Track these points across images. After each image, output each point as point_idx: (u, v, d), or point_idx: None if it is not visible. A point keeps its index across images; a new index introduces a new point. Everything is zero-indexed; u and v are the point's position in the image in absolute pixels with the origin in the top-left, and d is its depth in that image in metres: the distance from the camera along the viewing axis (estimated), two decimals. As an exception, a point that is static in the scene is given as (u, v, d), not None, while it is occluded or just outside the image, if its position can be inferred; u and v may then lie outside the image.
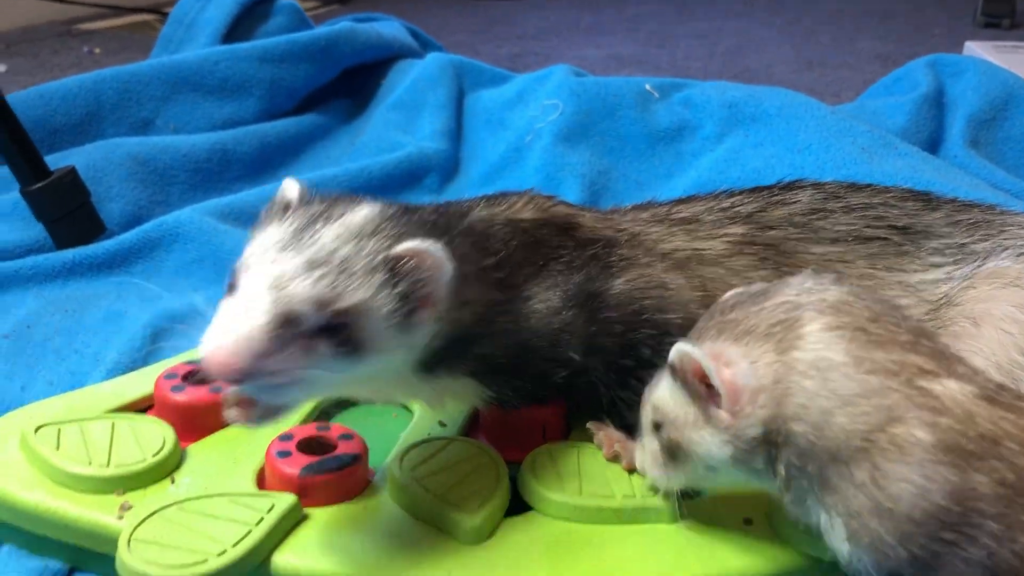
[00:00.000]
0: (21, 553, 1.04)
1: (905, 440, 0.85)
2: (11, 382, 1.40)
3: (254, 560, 0.96)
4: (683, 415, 0.95)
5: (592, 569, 0.99)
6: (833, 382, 0.88)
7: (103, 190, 1.92)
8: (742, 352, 0.91)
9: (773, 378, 0.89)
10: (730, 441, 0.92)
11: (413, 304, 0.97)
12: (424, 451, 1.10)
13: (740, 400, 0.90)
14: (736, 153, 2.03)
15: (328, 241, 0.96)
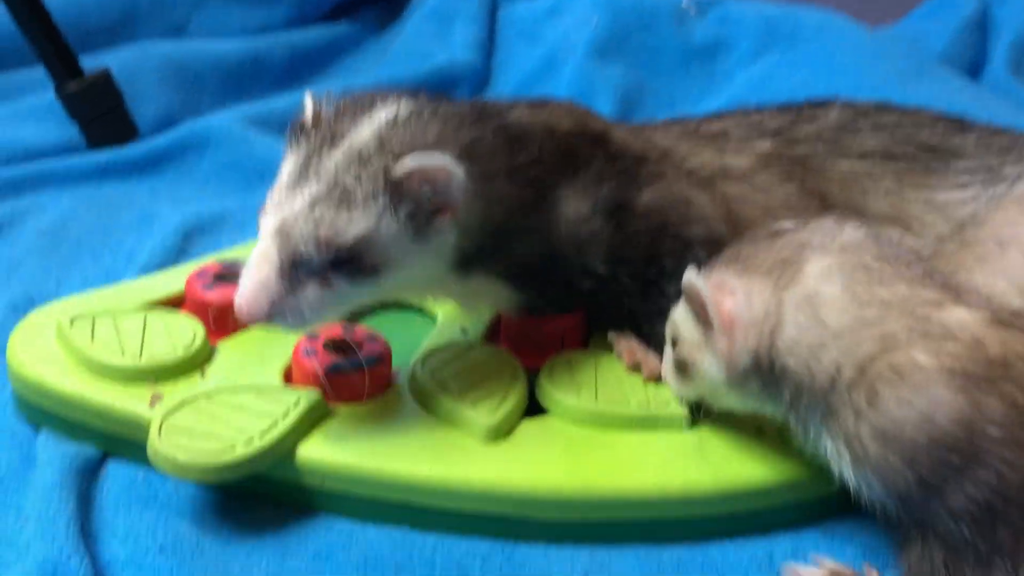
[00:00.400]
0: (58, 438, 1.08)
1: (906, 366, 0.86)
2: (47, 277, 1.45)
3: (279, 451, 1.00)
4: (691, 336, 0.98)
5: (607, 469, 1.02)
6: (826, 316, 0.89)
7: (136, 93, 1.94)
8: (742, 285, 0.93)
9: (765, 311, 0.91)
10: (726, 368, 0.94)
11: (425, 216, 0.99)
12: (446, 354, 1.13)
13: (732, 330, 0.92)
14: (771, 73, 2.01)
15: (330, 171, 0.98)
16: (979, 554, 0.86)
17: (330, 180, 0.97)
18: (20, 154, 1.76)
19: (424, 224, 0.99)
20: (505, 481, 1.00)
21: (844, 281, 0.90)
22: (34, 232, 1.56)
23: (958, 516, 0.86)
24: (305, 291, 0.97)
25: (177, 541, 0.97)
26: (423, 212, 0.98)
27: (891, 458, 0.87)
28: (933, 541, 0.89)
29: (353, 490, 1.01)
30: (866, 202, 1.17)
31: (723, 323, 0.92)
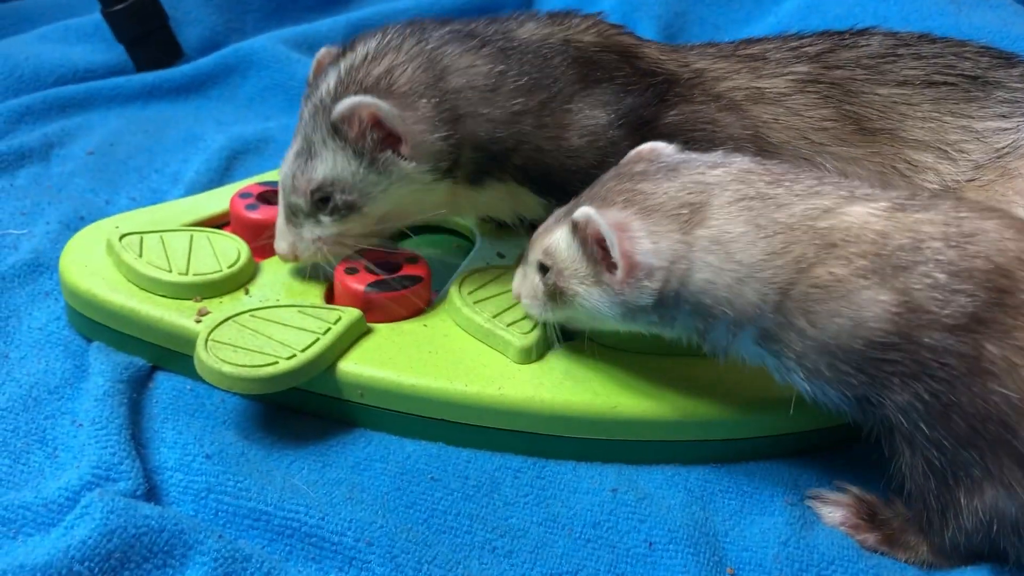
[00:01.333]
0: (109, 350, 1.13)
1: (824, 280, 0.87)
2: (96, 196, 1.48)
3: (320, 365, 1.03)
4: (574, 269, 0.97)
5: (635, 392, 1.05)
6: (737, 254, 0.89)
7: (181, 15, 1.95)
8: (647, 228, 0.91)
9: (673, 257, 0.90)
10: (620, 304, 0.94)
11: (372, 152, 1.07)
12: (482, 277, 1.15)
13: (635, 273, 0.91)
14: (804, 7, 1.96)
15: (302, 125, 1.11)
16: (948, 454, 0.88)
17: (302, 134, 1.11)
18: (69, 75, 1.79)
19: (376, 159, 1.07)
20: (537, 399, 1.03)
21: (746, 216, 0.90)
22: (83, 152, 1.59)
23: (913, 413, 0.88)
24: (304, 231, 1.12)
25: (222, 449, 1.02)
26: (368, 149, 1.07)
27: (840, 367, 0.89)
28: (911, 448, 0.91)
29: (390, 405, 1.05)
30: (904, 127, 1.16)
31: (626, 266, 0.91)
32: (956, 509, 0.90)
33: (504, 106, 1.10)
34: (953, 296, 0.85)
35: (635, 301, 0.93)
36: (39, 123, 1.66)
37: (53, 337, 1.16)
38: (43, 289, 1.24)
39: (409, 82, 1.08)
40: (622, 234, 0.91)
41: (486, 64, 1.10)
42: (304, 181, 1.10)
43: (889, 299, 0.86)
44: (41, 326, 1.18)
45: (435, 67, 1.09)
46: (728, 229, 0.90)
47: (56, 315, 1.19)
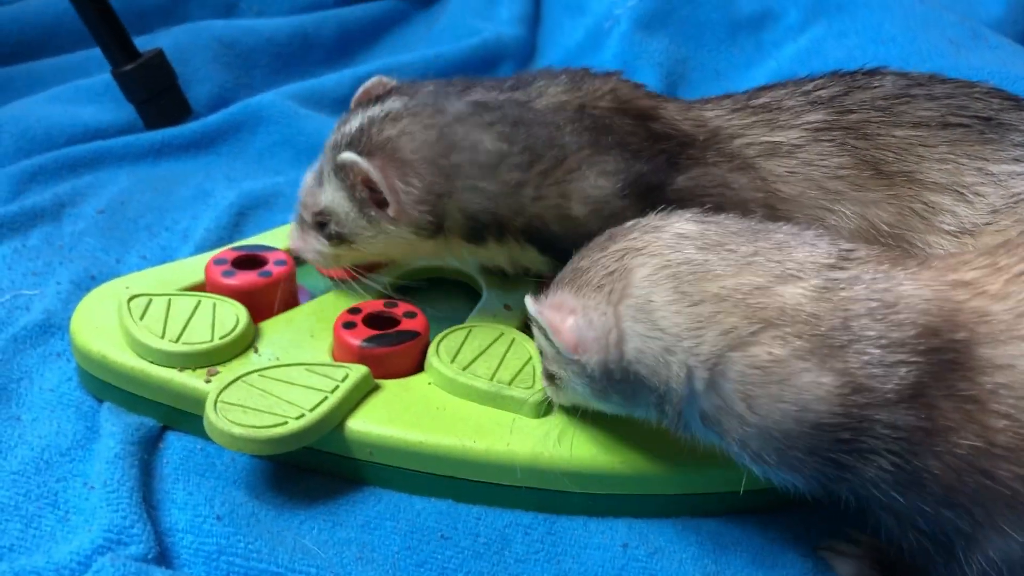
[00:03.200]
0: (120, 411, 1.13)
1: (765, 361, 0.85)
2: (107, 255, 1.50)
3: (329, 424, 1.04)
4: (550, 351, 0.99)
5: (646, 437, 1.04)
6: (662, 322, 0.88)
7: (189, 72, 1.98)
8: (580, 303, 0.93)
9: (605, 328, 0.90)
10: (586, 381, 0.96)
11: (363, 204, 1.17)
12: (454, 340, 1.15)
13: (577, 349, 0.92)
14: (819, 43, 1.98)
15: (324, 151, 1.21)
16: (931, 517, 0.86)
17: (321, 158, 1.21)
18: (79, 134, 1.81)
19: (364, 211, 1.17)
20: (545, 455, 1.03)
21: (672, 283, 0.89)
22: (93, 210, 1.60)
23: (883, 484, 0.85)
24: (309, 239, 1.23)
25: (233, 510, 1.02)
26: (361, 200, 1.16)
27: (789, 453, 0.86)
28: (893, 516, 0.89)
29: (399, 463, 1.05)
30: (921, 169, 1.16)
31: (567, 344, 0.92)
32: (959, 565, 0.88)
33: (503, 180, 1.13)
34: (892, 369, 0.83)
35: (593, 375, 0.93)
36: (50, 183, 1.68)
37: (65, 398, 1.17)
38: (55, 350, 1.25)
39: (413, 152, 1.13)
40: (556, 313, 0.93)
41: (493, 142, 1.14)
42: (309, 200, 1.21)
43: (831, 381, 0.83)
44: (53, 387, 1.19)
45: (442, 142, 1.13)
46: (652, 297, 0.89)
47: (68, 376, 1.20)
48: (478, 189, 1.13)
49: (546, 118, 1.16)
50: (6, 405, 1.15)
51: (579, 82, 1.22)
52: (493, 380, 1.08)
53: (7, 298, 1.34)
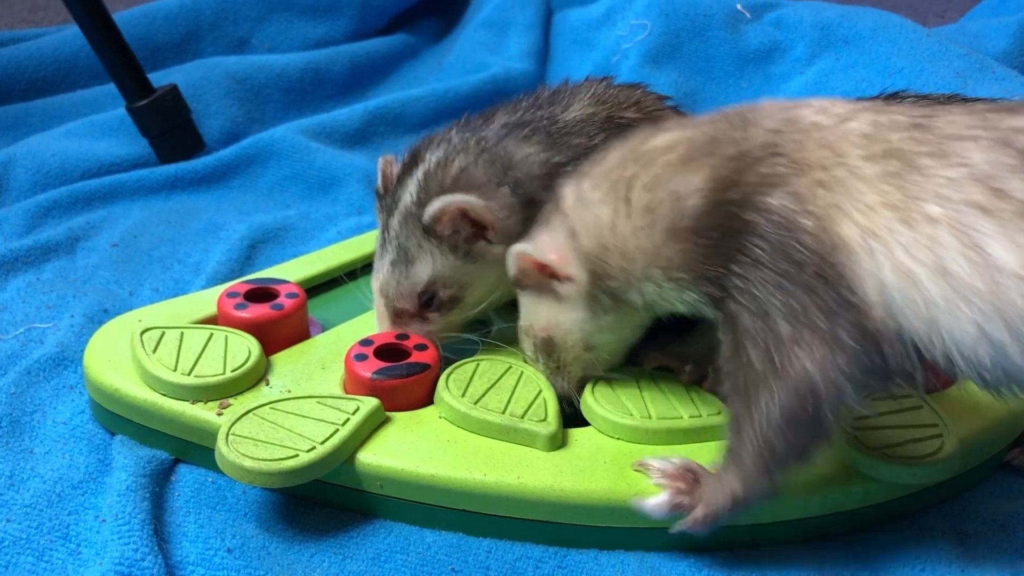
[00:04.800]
0: (132, 443, 1.14)
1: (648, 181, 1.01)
2: (120, 288, 1.51)
3: (340, 457, 1.04)
4: (544, 314, 1.11)
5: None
6: (589, 197, 1.05)
7: (203, 107, 2.01)
8: (547, 236, 1.08)
9: (567, 232, 1.06)
10: (582, 302, 1.07)
11: (465, 244, 1.17)
12: (463, 373, 1.15)
13: (562, 260, 1.06)
14: (826, 76, 2.00)
15: (394, 236, 1.21)
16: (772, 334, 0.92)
17: (395, 244, 1.20)
18: (94, 169, 1.84)
19: (470, 250, 1.17)
20: (556, 488, 1.02)
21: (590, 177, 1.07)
22: (107, 244, 1.62)
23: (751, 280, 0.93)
24: (410, 330, 1.21)
25: (244, 543, 1.02)
26: (462, 242, 1.17)
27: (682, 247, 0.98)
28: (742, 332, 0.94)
29: (410, 495, 1.05)
30: None
31: (556, 262, 1.06)
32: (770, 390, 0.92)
33: None
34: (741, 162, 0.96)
35: (583, 283, 1.06)
36: (65, 217, 1.70)
37: (77, 431, 1.18)
38: (68, 383, 1.26)
39: (483, 175, 1.17)
40: (537, 247, 1.07)
41: (539, 152, 1.20)
42: (409, 286, 1.20)
43: (697, 176, 0.98)
44: (66, 420, 1.19)
45: (500, 161, 1.18)
46: (582, 189, 1.07)
47: (81, 408, 1.21)
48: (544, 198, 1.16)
49: (576, 129, 1.21)
50: (19, 438, 1.16)
51: (604, 94, 1.27)
52: (505, 413, 1.08)
53: (21, 331, 1.36)
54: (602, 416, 1.10)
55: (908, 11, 3.07)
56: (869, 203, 0.89)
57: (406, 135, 2.09)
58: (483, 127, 1.23)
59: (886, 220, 0.88)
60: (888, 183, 0.89)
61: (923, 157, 0.89)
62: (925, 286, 0.86)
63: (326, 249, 1.49)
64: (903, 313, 0.87)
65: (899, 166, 0.90)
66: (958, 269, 0.85)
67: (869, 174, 0.90)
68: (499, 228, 1.16)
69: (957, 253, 0.85)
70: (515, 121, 1.23)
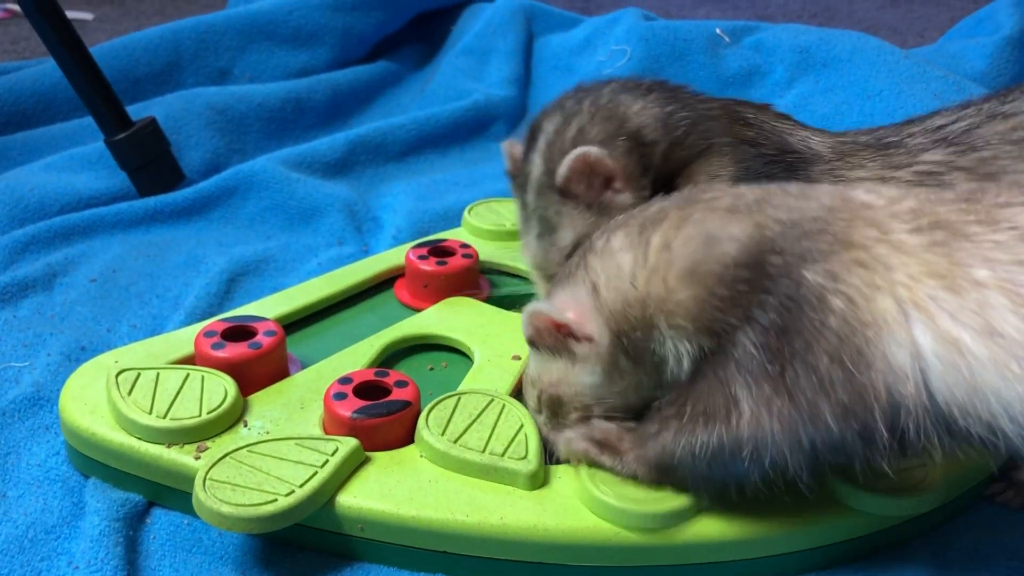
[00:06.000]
0: (106, 486, 1.12)
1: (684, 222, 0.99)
2: (98, 324, 1.49)
3: (320, 500, 1.02)
4: (553, 373, 1.07)
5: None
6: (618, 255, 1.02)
7: (182, 139, 2.00)
8: (567, 293, 1.06)
9: (589, 287, 1.03)
10: (598, 362, 1.04)
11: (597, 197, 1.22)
12: (444, 409, 1.13)
13: (583, 321, 1.03)
14: (806, 99, 2.01)
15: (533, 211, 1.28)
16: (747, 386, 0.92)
17: (536, 217, 1.28)
18: (73, 203, 1.82)
19: (602, 203, 1.22)
20: (540, 528, 1.01)
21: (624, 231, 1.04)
22: (85, 279, 1.61)
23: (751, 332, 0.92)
24: None
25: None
26: (595, 195, 1.22)
27: (698, 292, 0.95)
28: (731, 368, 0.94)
29: (390, 538, 1.03)
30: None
31: (574, 321, 1.03)
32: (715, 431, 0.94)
33: (673, 135, 1.24)
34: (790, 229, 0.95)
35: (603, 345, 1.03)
36: (43, 252, 1.68)
37: (52, 473, 1.16)
38: (43, 423, 1.24)
39: (600, 131, 1.23)
40: (556, 307, 1.05)
41: (655, 106, 1.26)
42: (558, 252, 1.26)
43: (739, 227, 0.96)
44: (40, 462, 1.17)
45: (615, 116, 1.24)
46: (611, 243, 1.04)
47: (56, 450, 1.19)
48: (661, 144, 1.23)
49: (693, 102, 1.28)
50: (-7, 482, 1.14)
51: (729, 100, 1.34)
52: (486, 452, 1.07)
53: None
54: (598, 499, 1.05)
55: (888, 31, 3.11)
56: (912, 274, 0.87)
57: (388, 163, 2.09)
58: (596, 89, 1.29)
59: (930, 289, 0.86)
60: (933, 252, 0.88)
61: (971, 225, 0.88)
62: (971, 350, 0.84)
63: (305, 284, 1.47)
64: (942, 381, 0.85)
65: (945, 235, 0.88)
66: (1009, 328, 0.83)
67: (914, 245, 0.89)
68: (623, 176, 1.21)
69: (1008, 312, 0.83)
70: (631, 84, 1.29)
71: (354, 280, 1.48)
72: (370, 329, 1.35)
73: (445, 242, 1.51)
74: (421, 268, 1.44)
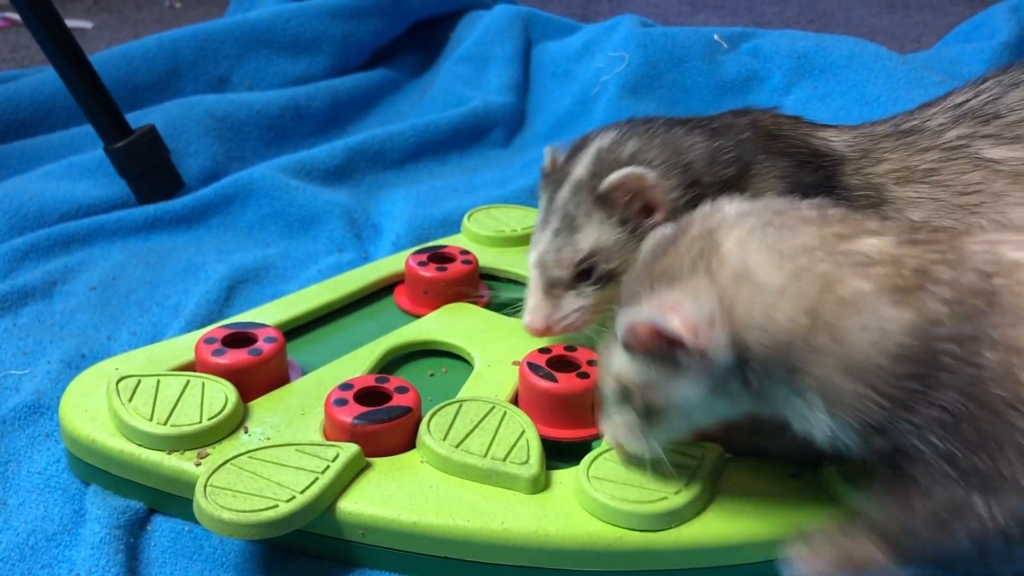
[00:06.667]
0: (106, 493, 1.12)
1: (850, 296, 0.88)
2: (98, 332, 1.49)
3: (320, 506, 1.02)
4: (650, 378, 0.96)
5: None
6: (764, 279, 0.90)
7: (182, 147, 2.00)
8: (679, 295, 0.92)
9: (711, 304, 0.91)
10: (705, 379, 0.93)
11: (635, 220, 1.19)
12: (445, 415, 1.13)
13: (700, 335, 0.90)
14: (804, 104, 2.01)
15: (560, 206, 1.23)
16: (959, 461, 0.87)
17: (561, 213, 1.23)
18: (72, 211, 1.82)
19: (638, 227, 1.19)
20: (541, 533, 1.01)
21: (762, 243, 0.92)
22: (85, 287, 1.61)
23: (930, 430, 0.87)
24: (563, 303, 1.22)
25: (222, 595, 1.00)
26: (632, 216, 1.19)
27: (860, 388, 0.88)
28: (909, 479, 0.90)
29: (392, 544, 1.03)
30: None
31: (688, 334, 0.90)
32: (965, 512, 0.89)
33: (720, 174, 1.21)
34: (958, 308, 0.87)
35: (717, 365, 0.92)
36: (42, 260, 1.68)
37: (52, 481, 1.16)
38: (43, 431, 1.24)
39: (658, 157, 1.21)
40: (668, 314, 0.91)
41: (704, 141, 1.23)
42: (570, 253, 1.21)
43: (909, 315, 0.87)
44: (40, 470, 1.17)
45: (670, 146, 1.22)
46: (749, 259, 0.91)
47: (56, 457, 1.19)
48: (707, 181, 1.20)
49: (726, 128, 1.26)
50: (-7, 490, 1.14)
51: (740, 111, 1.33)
52: (487, 457, 1.07)
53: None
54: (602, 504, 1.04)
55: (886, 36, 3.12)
56: None
57: (387, 170, 2.09)
58: (648, 121, 1.27)
59: None
60: None
61: None
62: None
63: (305, 290, 1.48)
64: None
65: None
66: None
67: None
68: (667, 210, 1.18)
69: None
70: (675, 121, 1.28)
71: (354, 286, 1.48)
72: (370, 335, 1.35)
73: (445, 248, 1.51)
74: (421, 274, 1.44)
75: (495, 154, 2.19)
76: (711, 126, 1.26)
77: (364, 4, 2.41)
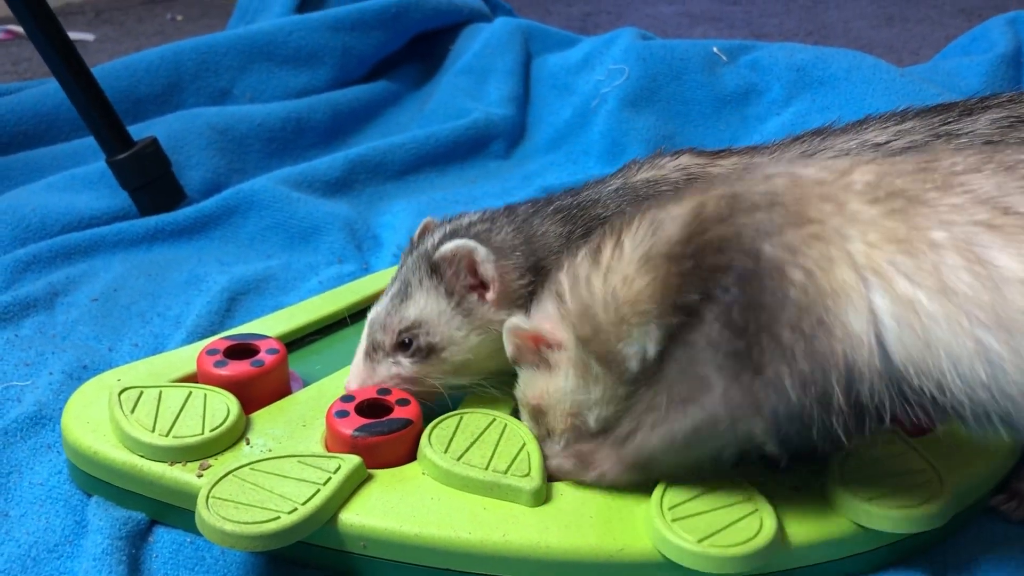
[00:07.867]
0: (108, 505, 1.12)
1: None
2: (99, 343, 1.50)
3: (322, 517, 1.02)
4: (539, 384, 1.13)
5: (643, 532, 1.03)
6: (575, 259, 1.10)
7: (183, 159, 2.01)
8: (538, 308, 1.12)
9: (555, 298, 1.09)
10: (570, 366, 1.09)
11: (462, 295, 1.19)
12: (446, 428, 1.14)
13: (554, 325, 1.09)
14: (802, 117, 2.02)
15: (403, 273, 1.23)
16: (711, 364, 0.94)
17: (401, 280, 1.23)
18: (74, 222, 1.83)
19: (463, 300, 1.18)
20: (543, 545, 1.01)
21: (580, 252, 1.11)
22: (87, 298, 1.61)
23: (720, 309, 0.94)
24: (379, 369, 1.20)
25: (224, 606, 1.00)
26: (460, 290, 1.18)
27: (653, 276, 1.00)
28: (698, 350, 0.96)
29: (393, 555, 1.03)
30: None
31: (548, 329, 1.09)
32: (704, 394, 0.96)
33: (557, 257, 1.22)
34: None
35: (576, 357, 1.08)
36: (44, 272, 1.69)
37: (54, 492, 1.16)
38: (45, 442, 1.25)
39: (505, 238, 1.23)
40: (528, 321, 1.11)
41: (557, 227, 1.25)
42: (396, 319, 1.20)
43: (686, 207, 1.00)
44: (42, 481, 1.18)
45: (522, 232, 1.24)
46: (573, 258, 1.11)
47: (58, 469, 1.19)
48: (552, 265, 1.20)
49: (588, 203, 1.27)
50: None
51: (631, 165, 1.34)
52: (488, 469, 1.07)
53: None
54: None
55: (884, 48, 3.13)
56: (871, 241, 0.90)
57: (387, 182, 2.10)
58: (519, 206, 1.30)
59: (888, 254, 0.89)
60: (892, 219, 0.91)
61: (929, 192, 0.91)
62: (925, 307, 0.87)
63: (307, 301, 1.48)
64: (898, 341, 0.88)
65: (904, 203, 0.91)
66: (961, 285, 0.86)
67: (872, 215, 0.91)
68: (499, 290, 1.18)
69: (961, 270, 0.86)
70: (543, 202, 1.30)
71: (355, 298, 1.48)
72: (371, 347, 1.35)
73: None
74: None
75: (495, 166, 2.20)
76: (572, 204, 1.27)
77: (365, 17, 2.42)
